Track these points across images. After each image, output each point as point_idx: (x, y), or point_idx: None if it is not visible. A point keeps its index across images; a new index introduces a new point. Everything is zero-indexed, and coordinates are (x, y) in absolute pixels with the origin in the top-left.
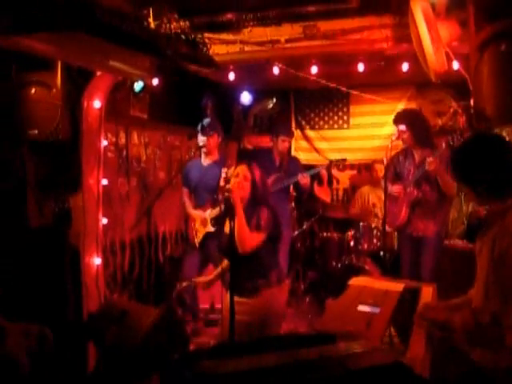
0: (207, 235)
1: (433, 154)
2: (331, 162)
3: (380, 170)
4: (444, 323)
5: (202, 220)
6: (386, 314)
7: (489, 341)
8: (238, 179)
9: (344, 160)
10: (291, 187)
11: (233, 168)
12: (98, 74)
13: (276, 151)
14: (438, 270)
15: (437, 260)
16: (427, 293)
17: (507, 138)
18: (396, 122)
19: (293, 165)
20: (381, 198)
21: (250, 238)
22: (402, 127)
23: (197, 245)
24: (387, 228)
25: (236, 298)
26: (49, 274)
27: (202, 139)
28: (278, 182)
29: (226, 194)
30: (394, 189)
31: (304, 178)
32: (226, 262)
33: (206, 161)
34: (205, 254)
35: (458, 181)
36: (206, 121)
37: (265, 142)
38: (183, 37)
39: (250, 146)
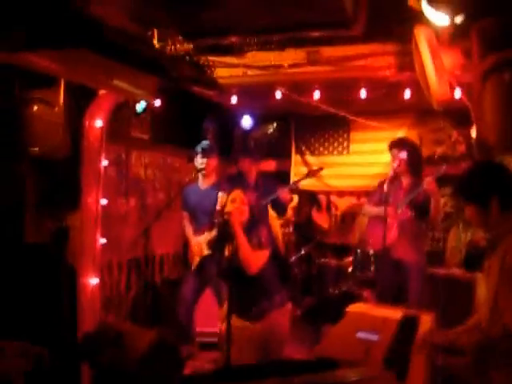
0: (203, 259)
1: (419, 183)
2: (309, 171)
3: None
4: (451, 344)
5: (199, 245)
6: (385, 342)
7: (501, 354)
8: (236, 204)
9: (320, 169)
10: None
11: (224, 195)
12: (101, 93)
13: (250, 173)
14: (425, 297)
15: (422, 287)
16: (426, 321)
17: (510, 167)
18: (394, 147)
19: (268, 184)
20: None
21: (254, 258)
22: (403, 154)
23: (193, 269)
24: (370, 250)
25: (238, 323)
26: (45, 292)
27: (201, 161)
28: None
29: (225, 216)
30: (383, 210)
31: (284, 193)
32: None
33: (203, 184)
34: (202, 278)
35: (467, 201)
36: (206, 143)
37: (265, 165)
38: (187, 58)
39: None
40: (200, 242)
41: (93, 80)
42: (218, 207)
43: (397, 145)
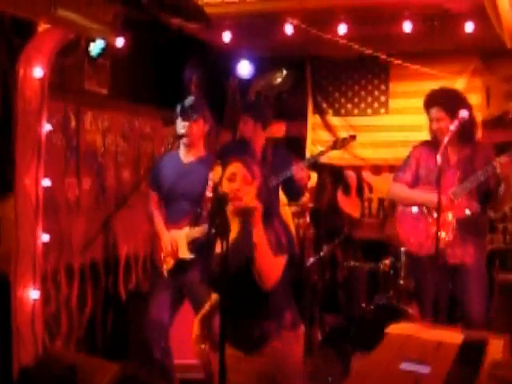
0: (180, 262)
1: (476, 153)
2: (336, 141)
3: None
4: None
5: (174, 243)
6: (440, 375)
7: None
8: (235, 183)
9: (353, 137)
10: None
11: (219, 169)
12: (41, 29)
13: (256, 141)
14: (493, 314)
15: (487, 297)
16: (496, 347)
17: None
18: (429, 104)
19: (279, 156)
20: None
21: (275, 267)
22: (439, 112)
23: (165, 275)
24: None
25: (233, 352)
26: None
27: (182, 125)
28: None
29: (219, 199)
30: (435, 199)
31: (300, 171)
32: (213, 299)
33: (187, 157)
34: (178, 289)
35: None
36: (189, 100)
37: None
38: None
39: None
40: (176, 240)
41: (29, 9)
42: (208, 192)
43: (428, 99)
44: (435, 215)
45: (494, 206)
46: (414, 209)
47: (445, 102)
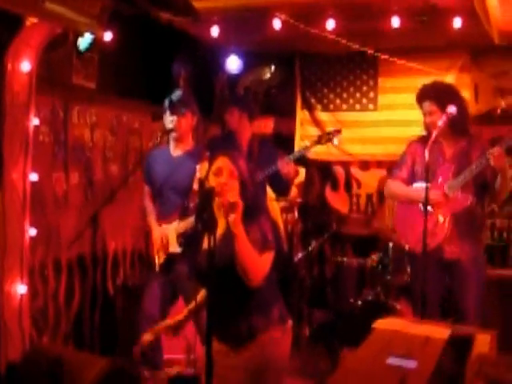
0: (171, 257)
1: (472, 146)
2: (321, 135)
3: None
4: None
5: (165, 237)
6: (426, 370)
7: None
8: (222, 178)
9: (338, 131)
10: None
11: (205, 164)
12: (29, 23)
13: (243, 134)
14: (484, 310)
15: (481, 295)
16: (483, 342)
17: None
18: (421, 98)
19: (265, 151)
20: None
21: (261, 264)
22: (431, 106)
23: (157, 269)
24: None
25: (221, 347)
26: None
27: (170, 119)
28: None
29: (206, 193)
30: (431, 195)
31: (286, 165)
32: (201, 295)
33: (176, 151)
34: (171, 284)
35: None
36: (177, 94)
37: (260, 125)
38: None
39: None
40: (167, 234)
41: (17, 3)
42: (195, 185)
43: (421, 93)
44: (431, 210)
45: (493, 198)
46: (411, 205)
47: (437, 95)
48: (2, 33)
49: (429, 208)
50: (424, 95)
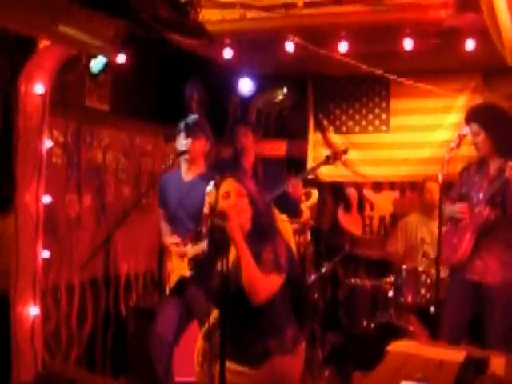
0: (183, 280)
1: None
2: (329, 155)
3: (435, 190)
4: None
5: (181, 255)
6: None
7: None
8: (230, 200)
9: (345, 151)
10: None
11: (212, 186)
12: (42, 45)
13: (249, 156)
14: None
15: (509, 321)
16: (498, 365)
17: None
18: (468, 120)
19: (272, 172)
20: (434, 231)
21: (264, 282)
22: (475, 128)
23: (168, 291)
24: (441, 268)
25: (234, 366)
26: None
27: (184, 143)
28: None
29: (219, 221)
30: (457, 208)
31: (295, 186)
32: (213, 316)
33: (188, 174)
34: (186, 306)
35: None
36: (192, 118)
37: (272, 148)
38: None
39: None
40: (181, 256)
41: (30, 26)
42: (205, 209)
43: (468, 115)
44: (459, 225)
45: None
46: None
47: (481, 117)
48: (16, 55)
49: (458, 224)
50: (470, 117)
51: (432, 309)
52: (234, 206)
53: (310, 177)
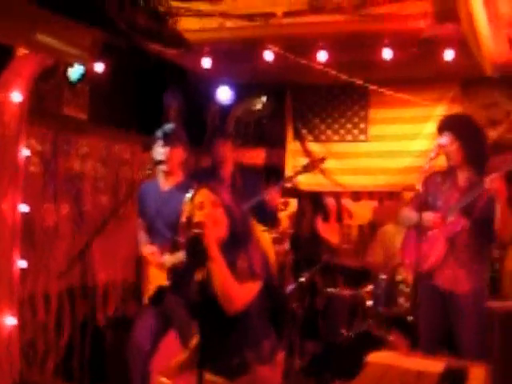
0: (161, 289)
1: (482, 178)
2: (306, 164)
3: None
4: None
5: (158, 265)
6: None
7: None
8: (205, 210)
9: (322, 159)
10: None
11: (188, 202)
12: (19, 54)
13: (227, 166)
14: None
15: (483, 332)
16: (478, 376)
17: None
18: (441, 129)
19: (250, 181)
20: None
21: (240, 292)
22: (448, 137)
23: (146, 301)
24: (406, 273)
25: (212, 379)
26: None
27: (161, 151)
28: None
29: (195, 231)
30: (429, 217)
31: (272, 195)
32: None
33: (165, 184)
34: (163, 316)
35: None
36: (170, 127)
37: (251, 156)
38: (142, 3)
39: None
40: (159, 266)
41: (8, 34)
42: (182, 219)
43: (442, 124)
44: (430, 233)
45: (494, 228)
46: (415, 231)
47: (454, 127)
48: None
49: (429, 232)
50: (444, 126)
51: (410, 318)
52: (208, 216)
53: (288, 185)
